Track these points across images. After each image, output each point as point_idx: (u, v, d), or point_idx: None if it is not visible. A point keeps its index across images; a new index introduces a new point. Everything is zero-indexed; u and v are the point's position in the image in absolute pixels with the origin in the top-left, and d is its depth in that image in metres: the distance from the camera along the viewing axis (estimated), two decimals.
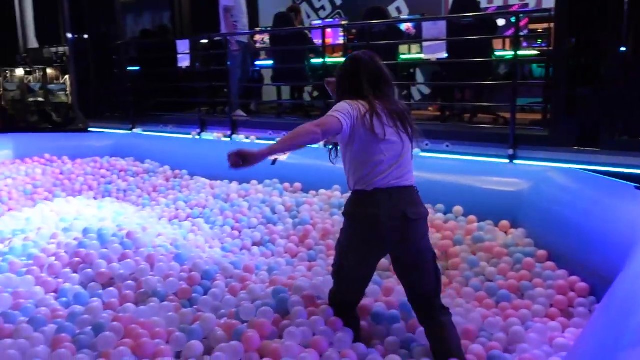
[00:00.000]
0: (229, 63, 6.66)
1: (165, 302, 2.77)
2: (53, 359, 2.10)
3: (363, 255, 2.43)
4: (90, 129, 7.99)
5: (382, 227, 2.32)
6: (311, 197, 4.83)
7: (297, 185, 5.14)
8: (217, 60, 7.14)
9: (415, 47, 7.19)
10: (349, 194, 2.52)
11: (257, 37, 8.36)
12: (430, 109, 7.42)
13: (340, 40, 7.58)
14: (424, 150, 5.03)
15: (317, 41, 6.82)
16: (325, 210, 4.56)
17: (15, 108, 17.31)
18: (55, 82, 17.92)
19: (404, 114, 2.43)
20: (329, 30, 7.40)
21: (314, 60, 7.25)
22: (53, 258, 3.31)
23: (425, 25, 5.02)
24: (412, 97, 8.15)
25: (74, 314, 2.54)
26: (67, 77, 17.59)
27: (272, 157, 5.53)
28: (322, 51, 6.31)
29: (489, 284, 3.24)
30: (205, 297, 2.81)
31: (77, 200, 4.94)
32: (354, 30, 7.34)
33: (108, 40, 7.89)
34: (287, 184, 5.13)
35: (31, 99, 17.60)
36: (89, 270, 3.14)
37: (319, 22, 9.43)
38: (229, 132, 6.43)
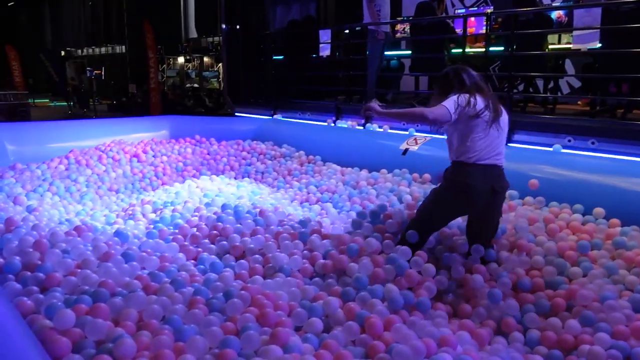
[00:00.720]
0: (367, 52, 6.76)
1: (290, 278, 2.94)
2: (188, 317, 2.35)
3: (452, 212, 3.31)
4: (236, 114, 8.58)
5: (474, 195, 3.14)
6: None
7: (426, 176, 5.09)
8: (357, 49, 7.27)
9: (566, 37, 6.73)
10: None
11: (398, 27, 8.36)
12: (579, 103, 6.91)
13: (483, 30, 7.34)
14: (565, 147, 4.73)
15: (460, 31, 6.67)
16: None
17: (174, 93, 19.02)
18: (209, 69, 19.41)
19: (499, 105, 3.20)
20: (472, 19, 7.19)
21: (455, 50, 7.11)
22: (195, 229, 3.65)
23: (577, 12, 4.67)
24: (560, 90, 7.63)
25: (209, 280, 2.80)
26: (219, 65, 18.98)
27: (404, 147, 5.54)
28: (462, 41, 6.16)
29: (631, 293, 2.99)
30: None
31: (219, 178, 5.35)
32: (500, 19, 7.05)
33: (256, 30, 8.38)
34: (416, 175, 5.10)
35: (188, 85, 19.25)
36: (225, 242, 3.42)
37: (463, 10, 9.18)
38: (362, 121, 6.53)
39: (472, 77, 3.18)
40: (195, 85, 18.74)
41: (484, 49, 7.03)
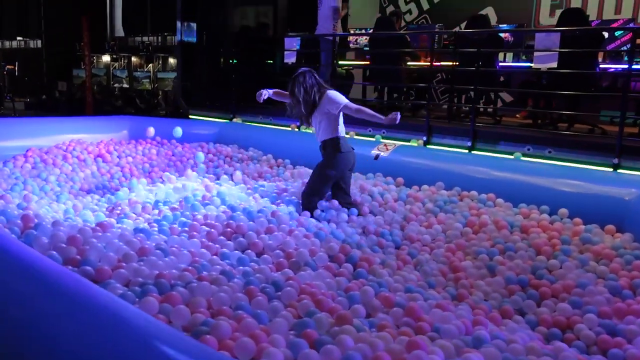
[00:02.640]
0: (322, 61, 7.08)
1: (320, 270, 3.16)
2: (254, 305, 2.51)
3: (336, 176, 4.55)
4: (191, 117, 8.58)
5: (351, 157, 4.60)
6: (414, 192, 5.17)
7: (399, 179, 5.47)
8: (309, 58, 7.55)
9: (509, 55, 7.42)
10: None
11: (351, 38, 8.74)
12: (517, 115, 7.60)
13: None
14: (525, 155, 5.28)
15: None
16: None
17: (100, 92, 18.36)
18: (138, 69, 18.91)
19: None
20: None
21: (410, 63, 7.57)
22: (205, 227, 3.77)
23: (539, 36, 5.26)
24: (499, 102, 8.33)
25: (247, 273, 2.96)
26: (150, 65, 18.50)
27: (375, 153, 5.95)
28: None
29: (604, 281, 3.49)
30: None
31: (199, 178, 5.41)
32: (449, 37, 7.62)
33: (215, 32, 8.44)
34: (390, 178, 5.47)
35: (116, 85, 18.64)
36: (242, 239, 3.58)
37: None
38: None
39: (317, 76, 4.57)
40: (125, 85, 18.19)
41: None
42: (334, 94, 4.50)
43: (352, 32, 8.52)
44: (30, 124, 6.81)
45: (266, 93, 4.91)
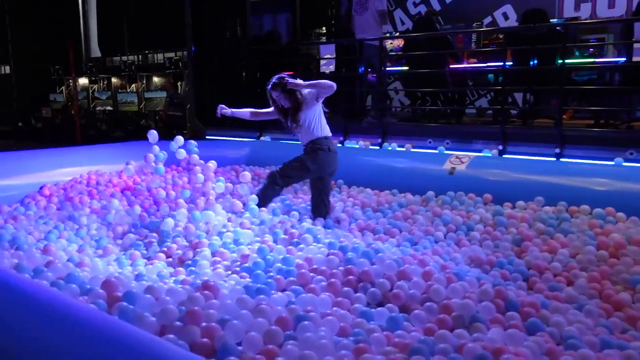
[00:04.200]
0: (369, 69, 6.41)
1: (495, 328, 2.46)
2: None
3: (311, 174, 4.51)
4: (208, 138, 7.79)
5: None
6: (509, 210, 4.51)
7: (487, 196, 4.80)
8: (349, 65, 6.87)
9: None
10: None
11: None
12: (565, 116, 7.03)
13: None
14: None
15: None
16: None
17: (83, 116, 17.35)
18: (120, 91, 17.96)
19: None
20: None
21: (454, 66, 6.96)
22: (318, 276, 3.02)
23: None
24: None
25: (421, 347, 2.22)
26: (134, 85, 17.60)
27: (449, 167, 5.18)
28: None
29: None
30: None
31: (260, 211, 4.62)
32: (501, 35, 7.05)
33: (231, 46, 7.70)
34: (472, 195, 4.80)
35: (99, 108, 17.64)
36: (374, 289, 2.84)
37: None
38: (379, 140, 6.12)
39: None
40: (108, 107, 17.21)
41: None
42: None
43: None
44: (37, 157, 5.90)
45: (226, 110, 4.78)
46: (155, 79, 17.72)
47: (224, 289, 2.64)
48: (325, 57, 6.44)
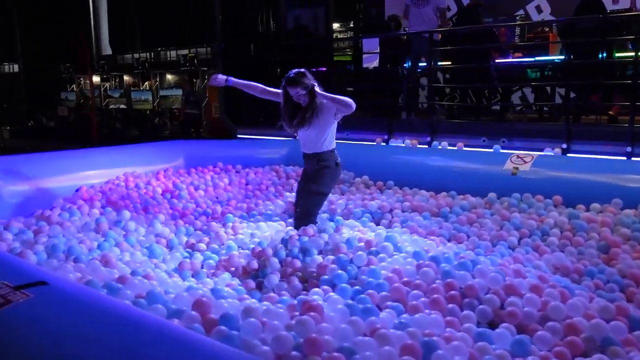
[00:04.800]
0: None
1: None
2: None
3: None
4: (239, 137, 7.51)
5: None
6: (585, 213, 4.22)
7: (557, 198, 4.51)
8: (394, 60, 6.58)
9: None
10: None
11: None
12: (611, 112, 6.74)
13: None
14: None
15: None
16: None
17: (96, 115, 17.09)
18: (132, 88, 17.69)
19: None
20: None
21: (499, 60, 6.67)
22: (416, 291, 2.74)
23: None
24: None
25: None
26: (147, 83, 17.33)
27: (511, 168, 4.77)
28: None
29: None
30: None
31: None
32: (546, 29, 6.75)
33: (263, 36, 7.38)
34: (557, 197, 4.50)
35: (112, 106, 17.37)
36: (484, 306, 2.56)
37: None
38: (429, 138, 5.83)
39: None
40: (122, 105, 16.94)
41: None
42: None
43: None
44: (68, 158, 5.60)
45: (221, 78, 4.16)
46: (169, 77, 17.47)
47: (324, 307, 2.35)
48: (371, 52, 6.13)
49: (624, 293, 3.18)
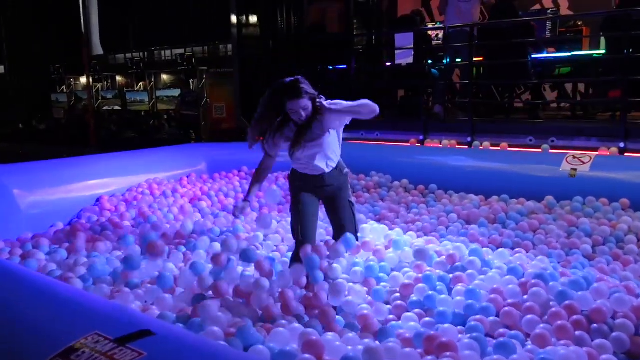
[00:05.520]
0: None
1: None
2: None
3: None
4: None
5: None
6: None
7: (624, 201, 4.22)
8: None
9: None
10: None
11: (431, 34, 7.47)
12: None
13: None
14: None
15: None
16: None
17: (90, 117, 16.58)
18: (127, 89, 17.18)
19: None
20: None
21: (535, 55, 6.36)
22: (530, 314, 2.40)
23: None
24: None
25: None
26: (141, 84, 16.87)
27: (568, 169, 4.39)
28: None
29: None
30: None
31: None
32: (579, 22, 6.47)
33: (284, 37, 7.01)
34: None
35: (106, 108, 16.84)
36: (620, 334, 2.23)
37: None
38: (469, 139, 5.50)
39: None
40: (116, 107, 16.40)
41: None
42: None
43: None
44: (82, 165, 5.18)
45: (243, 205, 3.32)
46: (165, 77, 16.98)
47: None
48: (404, 47, 5.80)
49: None
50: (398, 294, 2.80)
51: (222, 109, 12.81)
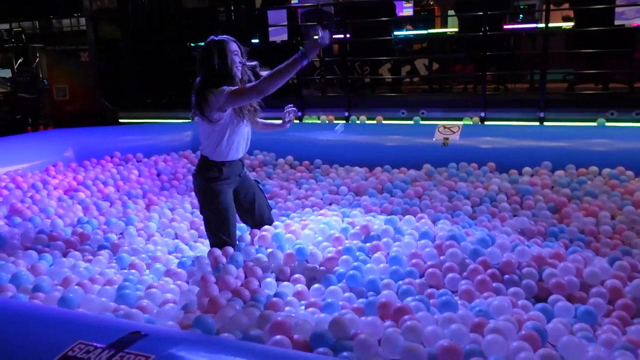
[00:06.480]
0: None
1: None
2: None
3: None
4: (121, 121, 6.69)
5: None
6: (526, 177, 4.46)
7: (491, 164, 4.72)
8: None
9: None
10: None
11: None
12: None
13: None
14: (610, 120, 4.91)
15: None
16: None
17: None
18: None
19: None
20: None
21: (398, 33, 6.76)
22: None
23: None
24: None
25: None
26: (20, 60, 14.84)
27: (441, 138, 5.00)
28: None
29: None
30: None
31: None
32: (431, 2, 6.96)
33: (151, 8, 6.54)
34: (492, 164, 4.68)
35: None
36: (527, 281, 2.53)
37: None
38: (346, 114, 5.71)
39: None
40: None
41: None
42: None
43: None
44: None
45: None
46: None
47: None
48: (279, 24, 5.78)
49: (589, 249, 3.41)
50: (322, 268, 2.87)
51: (65, 91, 11.65)
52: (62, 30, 13.83)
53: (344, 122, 4.85)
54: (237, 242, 3.09)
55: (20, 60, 13.92)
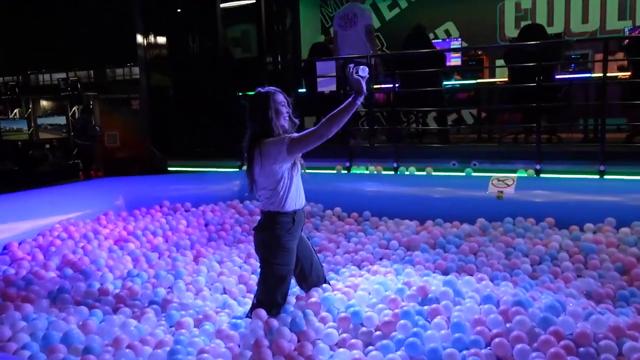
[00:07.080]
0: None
1: None
2: None
3: None
4: (170, 170, 6.78)
5: None
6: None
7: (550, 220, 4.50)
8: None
9: None
10: None
11: None
12: None
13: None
14: None
15: None
16: None
17: None
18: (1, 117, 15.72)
19: None
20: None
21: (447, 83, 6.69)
22: None
23: None
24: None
25: None
26: (17, 110, 15.61)
27: (495, 192, 4.72)
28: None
29: None
30: None
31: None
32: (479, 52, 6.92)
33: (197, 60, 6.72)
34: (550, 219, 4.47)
35: None
36: (606, 355, 2.32)
37: None
38: (395, 164, 5.62)
39: None
40: None
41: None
42: None
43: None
44: None
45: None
46: (44, 103, 15.73)
47: None
48: (326, 74, 5.81)
49: None
50: (379, 333, 2.72)
51: (116, 137, 11.98)
52: (115, 79, 14.36)
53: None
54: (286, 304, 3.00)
55: (75, 108, 14.51)
